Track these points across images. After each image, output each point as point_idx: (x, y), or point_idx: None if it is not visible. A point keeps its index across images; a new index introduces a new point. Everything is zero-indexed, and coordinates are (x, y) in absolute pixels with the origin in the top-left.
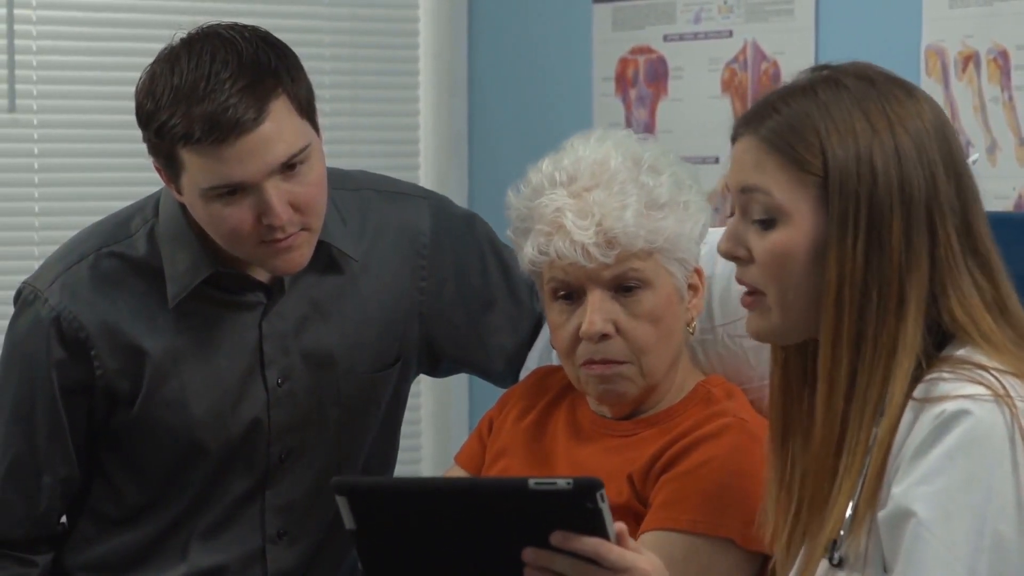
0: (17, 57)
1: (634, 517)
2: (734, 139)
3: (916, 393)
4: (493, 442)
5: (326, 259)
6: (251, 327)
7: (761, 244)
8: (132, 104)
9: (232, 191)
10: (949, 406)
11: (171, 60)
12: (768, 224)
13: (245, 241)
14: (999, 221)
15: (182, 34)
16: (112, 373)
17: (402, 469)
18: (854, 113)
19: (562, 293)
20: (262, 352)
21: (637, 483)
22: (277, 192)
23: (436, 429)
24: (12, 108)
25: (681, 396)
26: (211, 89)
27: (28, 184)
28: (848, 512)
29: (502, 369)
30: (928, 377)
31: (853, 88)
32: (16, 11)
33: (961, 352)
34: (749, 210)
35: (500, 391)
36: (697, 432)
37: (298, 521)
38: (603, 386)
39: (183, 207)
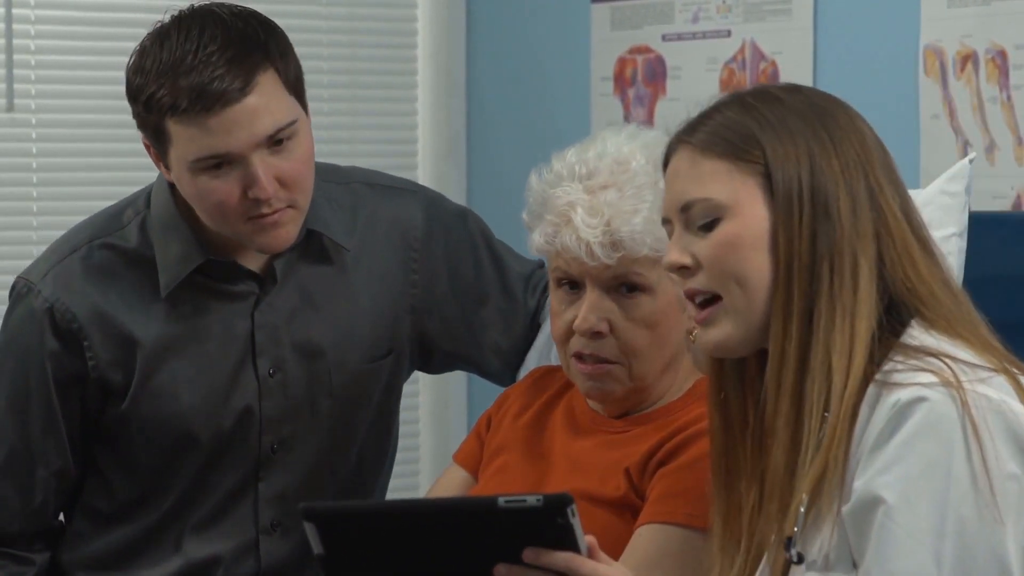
0: (15, 56)
1: (631, 511)
2: (667, 161)
3: (877, 376)
4: (491, 439)
5: (318, 249)
6: (243, 317)
7: (707, 244)
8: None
9: (219, 163)
10: (904, 395)
11: (161, 36)
12: (711, 225)
13: (231, 216)
14: (998, 221)
15: (174, 12)
16: (104, 364)
17: (401, 468)
18: (783, 110)
19: (565, 283)
20: (254, 342)
21: (634, 477)
22: (264, 165)
23: (435, 428)
24: (10, 107)
25: (680, 393)
26: (199, 61)
27: (26, 184)
28: (802, 507)
29: (498, 366)
30: (884, 368)
31: (779, 94)
32: (14, 10)
33: (915, 332)
34: (691, 221)
35: (499, 390)
36: (695, 427)
37: (291, 512)
38: (590, 383)
39: (174, 194)
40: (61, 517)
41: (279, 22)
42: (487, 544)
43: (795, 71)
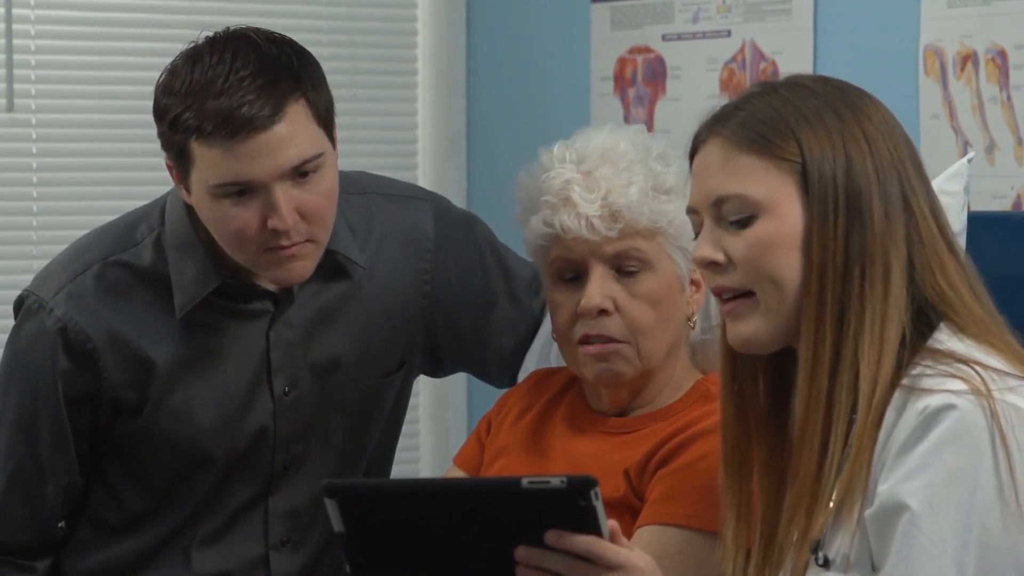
0: (15, 56)
1: (631, 512)
2: (695, 149)
3: (904, 381)
4: (491, 442)
5: (332, 266)
6: (258, 336)
7: (741, 242)
8: (131, 104)
9: (241, 191)
10: (933, 401)
11: (193, 57)
12: (745, 222)
13: (249, 246)
14: (998, 221)
15: (208, 33)
16: (119, 384)
17: (400, 469)
18: (819, 104)
19: (568, 275)
20: (269, 361)
21: (634, 478)
22: (286, 196)
23: (434, 430)
24: (10, 108)
25: (680, 394)
26: (229, 85)
27: (26, 184)
28: (830, 509)
29: (501, 370)
30: (912, 372)
31: (812, 85)
32: (14, 11)
33: (942, 337)
34: (723, 216)
35: (499, 392)
36: (694, 428)
37: (301, 528)
38: (600, 365)
39: (190, 214)
40: (63, 524)
41: (280, 23)
42: (508, 525)
43: (795, 71)
